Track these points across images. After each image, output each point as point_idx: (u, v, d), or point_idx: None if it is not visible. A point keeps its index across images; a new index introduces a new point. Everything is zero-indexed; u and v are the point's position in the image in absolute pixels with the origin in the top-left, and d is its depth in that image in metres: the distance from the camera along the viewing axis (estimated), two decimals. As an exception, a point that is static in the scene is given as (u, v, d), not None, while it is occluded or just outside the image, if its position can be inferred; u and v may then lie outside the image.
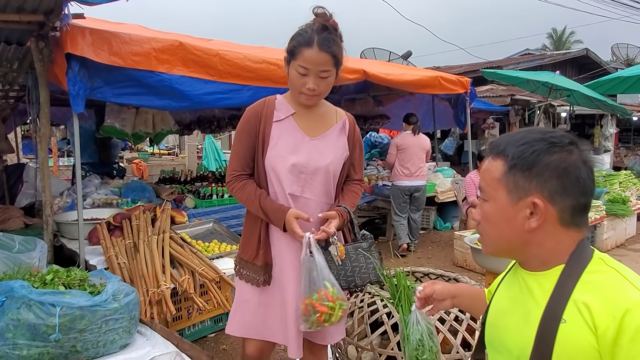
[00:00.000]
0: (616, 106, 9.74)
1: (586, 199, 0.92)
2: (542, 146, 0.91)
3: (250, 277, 1.84)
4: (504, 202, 0.94)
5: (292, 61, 1.70)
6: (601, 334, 0.82)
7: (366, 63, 5.75)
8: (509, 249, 0.98)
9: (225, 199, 4.96)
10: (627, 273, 0.89)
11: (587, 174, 0.91)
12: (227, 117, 5.95)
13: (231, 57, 3.87)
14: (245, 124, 1.81)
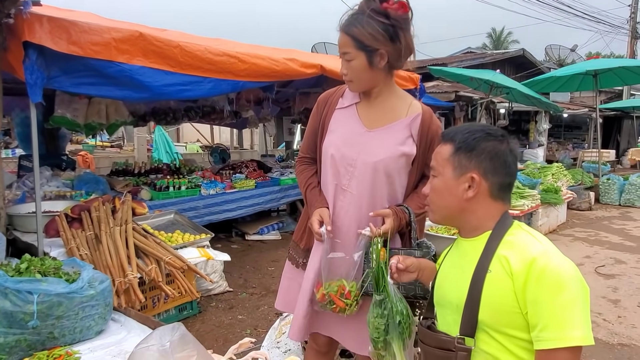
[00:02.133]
0: (549, 103, 10.51)
1: (511, 178, 1.20)
2: (481, 135, 1.18)
3: (292, 256, 1.90)
4: (449, 177, 1.19)
5: None
6: (516, 278, 1.06)
7: (322, 58, 5.90)
8: (450, 216, 1.23)
9: (183, 191, 4.96)
10: (536, 234, 1.16)
11: (513, 159, 1.19)
12: (183, 108, 5.90)
13: (192, 48, 3.87)
14: (315, 109, 1.79)
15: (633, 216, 7.37)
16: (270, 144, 11.92)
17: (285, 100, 7.61)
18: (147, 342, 1.18)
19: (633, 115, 16.94)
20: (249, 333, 3.14)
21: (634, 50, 19.30)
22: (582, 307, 1.02)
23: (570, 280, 1.03)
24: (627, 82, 10.19)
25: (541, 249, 1.08)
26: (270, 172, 6.42)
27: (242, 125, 8.14)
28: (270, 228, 6.10)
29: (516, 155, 1.22)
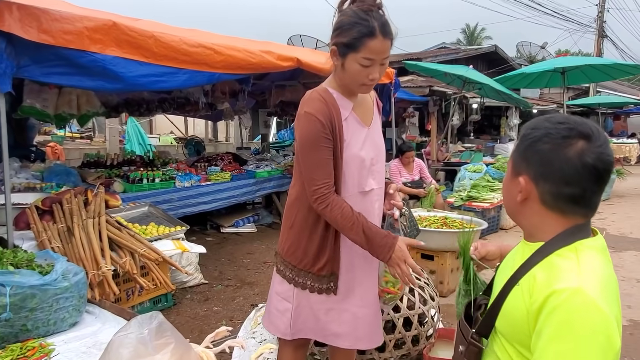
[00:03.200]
0: (519, 99, 10.79)
1: (572, 189, 0.98)
2: (540, 132, 1.01)
3: (309, 285, 1.69)
4: (509, 175, 1.11)
5: (351, 54, 1.51)
6: (531, 304, 0.94)
7: (298, 51, 5.90)
8: (512, 214, 1.14)
9: (157, 183, 4.91)
10: (585, 263, 0.95)
11: (579, 168, 0.96)
12: (157, 100, 5.82)
13: (167, 39, 3.83)
14: (321, 129, 1.54)
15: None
16: (245, 136, 11.87)
17: (261, 92, 7.59)
18: (126, 330, 1.20)
19: (598, 112, 17.56)
20: (225, 324, 3.16)
21: (600, 49, 19.93)
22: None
23: (585, 331, 0.86)
24: (593, 80, 10.54)
25: (572, 284, 0.90)
26: (246, 165, 6.42)
27: (217, 118, 8.09)
28: (245, 221, 6.11)
29: (589, 162, 0.96)
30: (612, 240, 5.48)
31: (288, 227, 1.73)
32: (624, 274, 4.30)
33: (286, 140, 9.83)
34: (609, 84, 19.77)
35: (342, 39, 1.51)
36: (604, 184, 1.00)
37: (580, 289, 0.88)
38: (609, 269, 0.98)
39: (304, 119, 1.56)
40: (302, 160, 1.59)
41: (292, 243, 1.70)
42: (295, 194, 1.71)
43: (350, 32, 1.49)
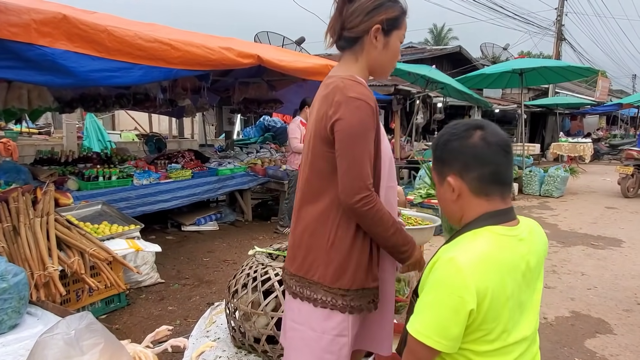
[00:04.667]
0: (480, 99, 11.08)
1: (489, 167, 1.12)
2: (446, 137, 1.18)
3: (365, 305, 1.44)
4: (438, 185, 1.22)
5: (395, 31, 1.42)
6: (428, 268, 1.14)
7: (261, 48, 5.87)
8: (454, 218, 1.22)
9: (113, 181, 4.80)
10: (474, 243, 1.09)
11: (486, 147, 1.11)
12: (114, 95, 5.66)
13: (121, 34, 3.75)
14: (372, 116, 1.36)
15: (550, 205, 7.99)
16: (211, 133, 11.71)
17: (225, 89, 7.51)
18: (52, 331, 1.17)
19: (557, 112, 18.23)
20: (179, 324, 3.13)
21: (559, 51, 20.62)
22: (436, 307, 1.05)
23: (444, 290, 1.04)
24: (549, 81, 10.92)
25: (451, 255, 1.06)
26: (208, 162, 6.34)
27: (179, 114, 7.96)
28: (207, 219, 6.04)
29: (491, 141, 1.12)
30: (562, 236, 5.72)
31: (326, 247, 1.41)
32: (570, 268, 4.50)
33: (251, 137, 9.76)
34: (567, 85, 20.55)
35: (389, 15, 1.39)
36: (510, 157, 1.15)
37: (453, 259, 1.05)
38: (502, 251, 1.09)
39: (353, 104, 1.31)
40: (350, 153, 1.33)
41: (340, 264, 1.40)
42: (325, 205, 1.41)
43: (394, 9, 1.41)
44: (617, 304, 3.63)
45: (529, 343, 1.15)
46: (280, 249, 3.08)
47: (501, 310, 1.06)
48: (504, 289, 1.06)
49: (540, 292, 1.21)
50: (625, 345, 2.97)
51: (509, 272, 1.08)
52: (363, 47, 1.42)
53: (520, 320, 1.12)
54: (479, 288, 1.03)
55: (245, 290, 2.61)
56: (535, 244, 1.17)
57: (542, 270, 1.22)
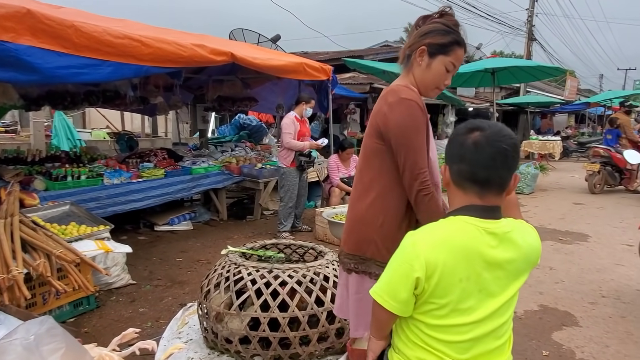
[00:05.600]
0: (453, 98, 11.26)
1: (468, 166, 1.20)
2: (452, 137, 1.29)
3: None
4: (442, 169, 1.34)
5: (440, 56, 1.62)
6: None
7: (234, 45, 5.82)
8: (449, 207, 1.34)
9: (82, 181, 4.68)
10: (438, 226, 1.23)
11: (471, 148, 1.19)
12: (83, 92, 5.51)
13: (88, 29, 3.67)
14: (422, 114, 1.59)
15: (521, 202, 8.18)
16: (186, 132, 11.54)
17: (198, 87, 7.42)
18: (10, 336, 1.13)
19: (528, 110, 18.68)
20: (150, 326, 3.08)
21: (530, 51, 21.10)
22: (390, 272, 1.23)
23: (399, 259, 1.22)
24: (520, 80, 11.18)
25: (415, 232, 1.24)
26: (182, 161, 6.25)
27: (151, 112, 7.81)
28: (181, 218, 5.96)
29: (480, 143, 1.19)
30: (533, 231, 5.86)
31: (377, 228, 1.66)
32: (540, 262, 4.60)
33: (227, 136, 9.65)
34: (538, 84, 21.07)
35: (436, 41, 1.61)
36: (499, 163, 1.18)
37: (413, 234, 1.22)
38: (462, 236, 1.18)
39: (404, 104, 1.56)
40: (407, 145, 1.56)
41: (389, 241, 1.60)
42: (376, 194, 1.66)
43: (445, 37, 1.61)
44: (582, 297, 3.75)
45: (489, 330, 1.20)
46: (253, 248, 3.06)
47: (451, 289, 1.16)
48: (456, 270, 1.16)
49: (515, 290, 1.24)
50: (590, 337, 3.07)
51: (465, 257, 1.16)
52: (412, 63, 1.67)
53: (480, 306, 1.18)
54: (429, 261, 1.15)
55: (218, 290, 2.59)
56: (518, 245, 1.21)
57: (525, 272, 1.25)
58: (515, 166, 1.22)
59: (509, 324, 1.25)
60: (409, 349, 1.25)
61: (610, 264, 4.62)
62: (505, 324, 1.23)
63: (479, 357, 1.21)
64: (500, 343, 1.23)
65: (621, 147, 9.27)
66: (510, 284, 1.21)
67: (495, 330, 1.21)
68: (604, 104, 18.75)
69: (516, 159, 1.21)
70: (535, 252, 1.25)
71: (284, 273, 2.56)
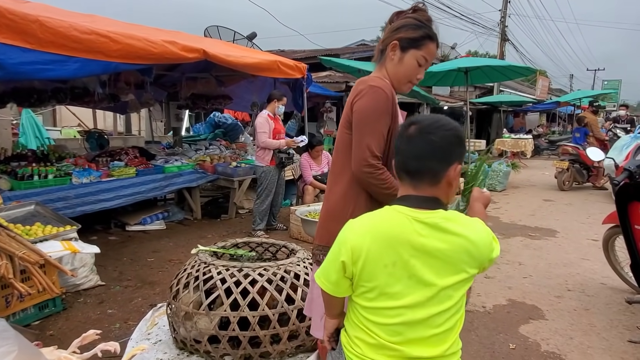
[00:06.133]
0: (428, 97, 11.38)
1: (401, 158, 1.28)
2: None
3: None
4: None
5: (412, 50, 1.66)
6: None
7: (207, 42, 5.75)
8: None
9: (50, 180, 4.56)
10: (372, 214, 1.29)
11: (402, 142, 1.27)
12: (50, 89, 5.36)
13: (54, 25, 3.57)
14: (387, 101, 1.62)
15: (493, 199, 8.34)
16: (160, 130, 11.36)
17: (172, 84, 7.31)
18: (-41, 341, 1.10)
19: (501, 110, 19.05)
20: (119, 327, 3.03)
21: (503, 51, 21.52)
22: (327, 256, 1.31)
23: (336, 241, 1.29)
24: (492, 80, 11.36)
25: (350, 220, 1.31)
26: (154, 160, 6.16)
27: (122, 110, 7.66)
28: (154, 218, 5.86)
29: (410, 135, 1.25)
30: (503, 228, 5.99)
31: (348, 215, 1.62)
32: (509, 258, 4.72)
33: (201, 134, 9.54)
34: (511, 83, 21.51)
35: (407, 35, 1.65)
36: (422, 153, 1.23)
37: (348, 222, 1.30)
38: (388, 223, 1.24)
39: (371, 91, 1.60)
40: (362, 129, 1.60)
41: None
42: (345, 183, 1.69)
43: (416, 31, 1.65)
44: (549, 291, 3.85)
45: (422, 317, 1.21)
46: (225, 247, 3.04)
47: (376, 273, 1.22)
48: (381, 256, 1.21)
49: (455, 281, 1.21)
50: (555, 329, 3.16)
51: (390, 243, 1.21)
52: (385, 57, 1.71)
53: (411, 292, 1.20)
54: (354, 246, 1.22)
55: (187, 290, 2.56)
56: (452, 235, 1.19)
57: (470, 266, 1.22)
58: (449, 157, 1.23)
59: (450, 315, 1.23)
60: (351, 328, 1.31)
61: (576, 258, 4.76)
62: (443, 313, 1.22)
63: (411, 343, 1.22)
64: (436, 332, 1.22)
65: (589, 145, 9.55)
66: (448, 274, 1.20)
67: (430, 319, 1.21)
68: (573, 104, 19.26)
69: (448, 150, 1.23)
70: (478, 247, 1.22)
71: (254, 271, 2.56)
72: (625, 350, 2.87)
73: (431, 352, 1.22)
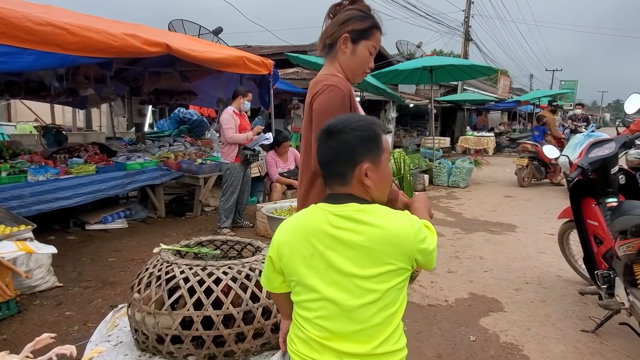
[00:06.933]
0: (394, 94, 11.53)
1: (317, 163, 1.34)
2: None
3: None
4: None
5: (363, 41, 1.68)
6: None
7: (170, 36, 5.63)
8: None
9: (3, 178, 4.36)
10: (300, 212, 1.35)
11: (317, 148, 1.32)
12: (3, 83, 5.12)
13: (6, 15, 3.42)
14: (343, 98, 1.62)
15: (457, 195, 8.56)
16: (122, 125, 11.04)
17: (134, 79, 7.12)
18: None
19: (464, 108, 19.51)
20: (77, 329, 2.93)
21: (467, 51, 22.02)
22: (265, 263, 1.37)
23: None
24: (456, 78, 11.65)
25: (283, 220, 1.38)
26: (115, 156, 5.98)
27: (82, 105, 7.39)
28: (115, 216, 5.70)
29: (317, 142, 1.32)
30: (466, 223, 6.16)
31: None
32: (471, 253, 4.86)
33: (165, 130, 9.33)
34: (475, 82, 22.04)
35: (356, 27, 1.67)
36: (326, 158, 1.29)
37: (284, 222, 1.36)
38: (306, 218, 1.30)
39: (327, 90, 1.61)
40: (319, 125, 1.61)
41: None
42: (308, 179, 1.71)
43: (363, 22, 1.67)
44: (508, 284, 3.98)
45: (342, 311, 1.20)
46: (188, 245, 2.99)
47: (297, 266, 1.26)
48: (299, 248, 1.26)
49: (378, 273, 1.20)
50: (514, 321, 3.27)
51: (307, 236, 1.25)
52: (336, 52, 1.71)
53: (329, 285, 1.21)
54: (279, 243, 1.30)
55: (149, 290, 2.51)
56: (368, 226, 1.20)
57: (394, 257, 1.20)
58: (352, 159, 1.24)
59: (377, 310, 1.20)
60: (291, 326, 1.34)
61: (534, 252, 4.94)
62: (368, 307, 1.19)
63: (338, 338, 1.21)
64: (361, 327, 1.20)
65: (547, 143, 9.92)
66: (368, 266, 1.19)
67: (353, 312, 1.19)
68: (533, 102, 19.95)
69: (349, 152, 1.24)
70: (398, 237, 1.20)
71: (218, 270, 2.52)
72: (578, 339, 3.01)
73: (358, 348, 1.19)
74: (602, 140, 3.41)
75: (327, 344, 1.21)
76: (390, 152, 1.34)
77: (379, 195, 1.32)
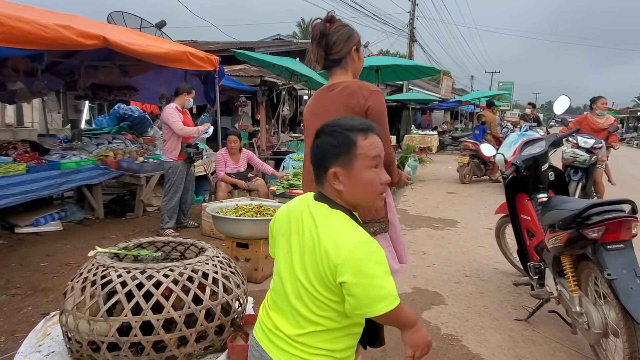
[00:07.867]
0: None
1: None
2: None
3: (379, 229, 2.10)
4: None
5: (360, 48, 2.12)
6: None
7: (109, 29, 5.36)
8: None
9: None
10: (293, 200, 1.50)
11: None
12: None
13: None
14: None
15: (402, 192, 8.78)
16: (57, 122, 10.40)
17: (69, 72, 6.73)
18: None
19: (410, 107, 20.04)
20: (4, 340, 2.73)
21: (412, 52, 22.62)
22: None
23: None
24: (401, 78, 11.93)
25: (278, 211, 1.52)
26: (48, 155, 5.63)
27: (10, 100, 6.88)
28: (49, 218, 5.38)
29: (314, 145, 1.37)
30: (410, 220, 6.33)
31: None
32: (415, 248, 5.00)
33: (104, 127, 8.89)
34: (419, 82, 22.70)
35: (357, 39, 2.09)
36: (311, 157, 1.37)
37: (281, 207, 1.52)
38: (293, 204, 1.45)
39: (379, 94, 2.03)
40: (384, 126, 2.04)
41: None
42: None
43: (357, 34, 2.09)
44: (449, 278, 4.14)
45: (285, 289, 1.34)
46: (127, 247, 2.86)
47: (279, 239, 1.43)
48: (281, 226, 1.44)
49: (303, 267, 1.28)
50: (454, 313, 3.40)
51: (287, 218, 1.41)
52: (348, 62, 2.09)
53: (283, 261, 1.39)
54: (277, 216, 1.49)
55: (83, 295, 2.38)
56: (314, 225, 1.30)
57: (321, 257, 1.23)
58: (324, 162, 1.31)
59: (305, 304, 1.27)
60: None
61: (473, 246, 5.17)
62: (298, 297, 1.29)
63: (278, 312, 1.37)
64: (290, 312, 1.31)
65: (486, 141, 10.39)
66: (309, 260, 1.27)
67: (288, 295, 1.32)
68: (473, 103, 20.82)
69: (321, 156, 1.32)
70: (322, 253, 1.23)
71: (158, 272, 2.43)
72: (512, 327, 3.17)
73: (288, 329, 1.31)
74: (534, 139, 3.62)
75: (270, 314, 1.38)
76: (377, 156, 1.32)
77: (358, 200, 1.33)
